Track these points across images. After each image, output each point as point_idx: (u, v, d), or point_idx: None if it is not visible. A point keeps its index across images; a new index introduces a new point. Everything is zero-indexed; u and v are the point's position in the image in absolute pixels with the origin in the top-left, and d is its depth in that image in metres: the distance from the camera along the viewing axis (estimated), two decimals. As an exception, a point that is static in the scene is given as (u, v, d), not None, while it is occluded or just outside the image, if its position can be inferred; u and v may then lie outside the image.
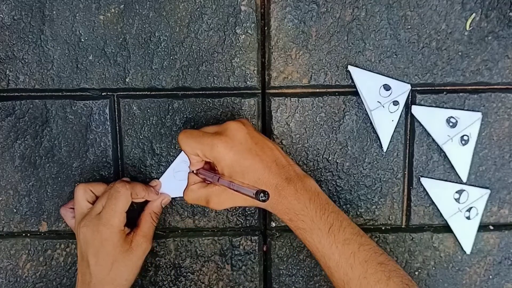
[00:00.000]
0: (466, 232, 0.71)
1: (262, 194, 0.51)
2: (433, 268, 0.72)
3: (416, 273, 0.72)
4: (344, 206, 0.71)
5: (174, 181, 0.68)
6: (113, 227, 0.62)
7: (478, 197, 0.70)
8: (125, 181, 0.64)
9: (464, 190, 0.70)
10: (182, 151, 0.67)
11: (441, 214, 0.71)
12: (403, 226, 0.72)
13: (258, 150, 0.59)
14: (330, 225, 0.58)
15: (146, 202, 0.67)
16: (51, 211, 0.70)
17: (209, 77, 0.68)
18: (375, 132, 0.69)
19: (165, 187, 0.68)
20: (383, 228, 0.72)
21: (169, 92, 0.68)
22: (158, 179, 0.68)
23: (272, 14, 0.67)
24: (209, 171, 0.62)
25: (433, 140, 0.69)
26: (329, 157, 0.70)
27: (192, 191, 0.63)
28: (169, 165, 0.68)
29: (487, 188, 0.71)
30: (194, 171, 0.64)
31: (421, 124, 0.69)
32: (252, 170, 0.58)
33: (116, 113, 0.68)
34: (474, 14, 0.68)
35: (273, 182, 0.58)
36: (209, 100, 0.68)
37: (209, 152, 0.59)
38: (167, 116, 0.68)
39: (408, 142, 0.70)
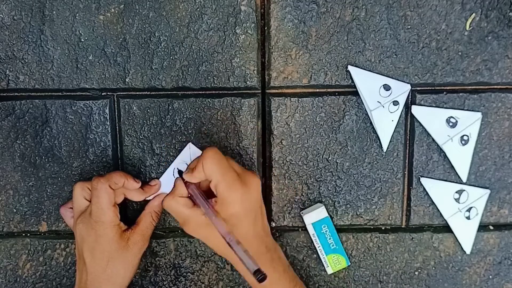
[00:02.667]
0: (466, 232, 0.71)
1: (261, 276, 0.54)
2: (433, 268, 0.72)
3: (416, 273, 0.72)
4: (344, 206, 0.71)
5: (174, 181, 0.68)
6: (105, 223, 0.61)
7: (478, 197, 0.70)
8: (99, 177, 0.63)
9: (464, 190, 0.70)
10: (183, 152, 0.68)
11: (441, 214, 0.71)
12: (403, 226, 0.72)
13: (258, 215, 0.61)
14: None
15: (147, 201, 0.67)
16: (51, 211, 0.70)
17: (209, 77, 0.68)
18: (375, 132, 0.69)
19: (165, 186, 0.68)
20: (383, 228, 0.72)
21: (169, 92, 0.68)
22: (158, 179, 0.68)
23: (272, 14, 0.67)
24: (202, 196, 0.60)
25: (433, 140, 0.69)
26: (329, 157, 0.70)
27: (176, 202, 0.61)
28: (169, 165, 0.68)
29: (487, 188, 0.71)
30: (186, 182, 0.61)
31: (421, 124, 0.69)
32: (245, 230, 0.59)
33: (116, 113, 0.68)
34: (474, 14, 0.68)
35: (255, 248, 0.59)
36: (209, 100, 0.68)
37: (223, 190, 0.58)
38: (167, 116, 0.68)
39: (408, 142, 0.70)
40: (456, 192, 0.70)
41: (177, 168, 0.67)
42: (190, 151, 0.68)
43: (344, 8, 0.67)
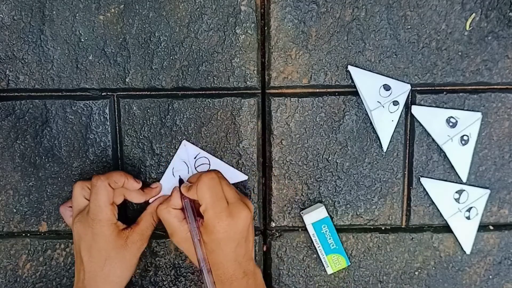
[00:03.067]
0: (466, 232, 0.71)
1: None
2: (433, 268, 0.72)
3: (416, 273, 0.72)
4: (344, 206, 0.71)
5: (174, 182, 0.68)
6: (102, 221, 0.61)
7: (478, 197, 0.70)
8: (99, 174, 0.63)
9: (464, 190, 0.70)
10: (179, 151, 0.68)
11: (441, 214, 0.71)
12: (403, 226, 0.72)
13: (241, 243, 0.61)
14: None
15: (146, 202, 0.67)
16: (51, 211, 0.70)
17: (209, 77, 0.68)
18: (375, 132, 0.69)
19: (166, 188, 0.68)
20: (383, 228, 0.72)
21: (169, 92, 0.68)
22: (159, 179, 0.68)
23: (272, 14, 0.67)
24: (193, 211, 0.63)
25: (433, 140, 0.69)
26: (329, 157, 0.70)
27: (168, 212, 0.63)
28: (169, 165, 0.68)
29: (487, 188, 0.71)
30: (183, 193, 0.63)
31: (421, 124, 0.69)
32: (223, 255, 0.61)
33: (116, 113, 0.68)
34: (474, 14, 0.68)
35: (231, 272, 0.61)
36: (209, 100, 0.68)
37: (210, 217, 0.60)
38: (167, 116, 0.68)
39: (408, 142, 0.70)
40: (456, 192, 0.70)
41: (179, 176, 0.68)
42: (186, 149, 0.68)
43: (344, 8, 0.67)
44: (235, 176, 0.69)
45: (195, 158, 0.68)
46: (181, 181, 0.67)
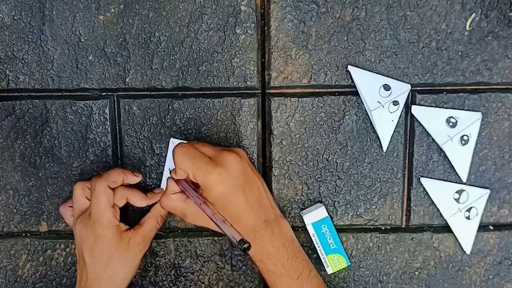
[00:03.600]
0: (466, 232, 0.71)
1: (246, 245, 0.54)
2: (433, 268, 0.72)
3: (416, 273, 0.72)
4: (344, 206, 0.71)
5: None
6: (103, 224, 0.61)
7: (478, 197, 0.70)
8: (98, 177, 0.63)
9: (464, 190, 0.70)
10: (170, 149, 0.68)
11: (441, 214, 0.71)
12: (403, 226, 0.72)
13: (246, 189, 0.60)
14: (299, 273, 0.61)
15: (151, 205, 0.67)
16: (51, 211, 0.70)
17: (209, 77, 0.68)
18: (375, 132, 0.69)
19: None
20: (383, 228, 0.72)
21: (169, 92, 0.68)
22: (159, 179, 0.68)
23: (272, 14, 0.67)
24: (191, 186, 0.62)
25: (433, 140, 0.69)
26: (329, 157, 0.70)
27: (171, 200, 0.63)
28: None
29: (487, 188, 0.71)
30: (175, 178, 0.63)
31: (421, 124, 0.69)
32: (235, 207, 0.60)
33: (116, 113, 0.68)
34: (474, 14, 0.68)
35: (251, 223, 0.60)
36: (209, 100, 0.68)
37: (201, 178, 0.59)
38: (167, 116, 0.68)
39: (408, 142, 0.70)
40: (456, 192, 0.70)
41: (169, 168, 0.68)
42: (175, 145, 0.68)
43: (344, 8, 0.67)
44: None
45: None
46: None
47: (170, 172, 0.66)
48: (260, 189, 0.63)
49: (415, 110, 0.69)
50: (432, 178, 0.70)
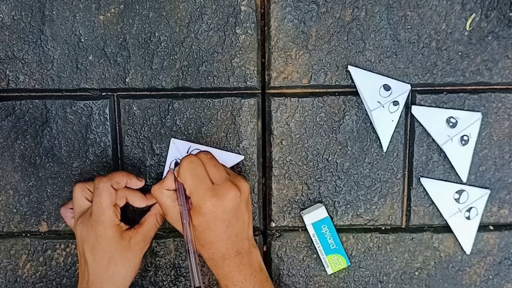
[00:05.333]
0: (466, 232, 0.71)
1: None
2: (433, 268, 0.72)
3: (416, 273, 0.72)
4: (344, 207, 0.71)
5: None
6: (104, 223, 0.62)
7: (478, 197, 0.70)
8: (102, 176, 0.63)
9: (464, 190, 0.70)
10: (170, 150, 0.68)
11: (441, 214, 0.71)
12: (403, 226, 0.72)
13: (231, 223, 0.61)
14: None
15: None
16: (51, 211, 0.70)
17: (209, 77, 0.68)
18: (375, 132, 0.69)
19: None
20: (383, 228, 0.72)
21: (169, 92, 0.68)
22: (159, 179, 0.68)
23: (272, 14, 0.67)
24: (184, 196, 0.62)
25: (433, 140, 0.69)
26: (329, 157, 0.70)
27: (161, 193, 0.63)
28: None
29: (487, 188, 0.71)
30: (175, 176, 0.63)
31: (421, 124, 0.69)
32: (213, 235, 0.60)
33: (116, 113, 0.68)
34: (474, 14, 0.68)
35: (223, 251, 0.61)
36: (209, 100, 0.68)
37: (195, 199, 0.60)
38: (167, 116, 0.68)
39: (408, 142, 0.70)
40: (456, 192, 0.70)
41: (176, 159, 0.68)
42: (176, 146, 0.68)
43: (344, 8, 0.67)
44: (230, 159, 0.68)
45: (187, 152, 0.68)
46: (176, 164, 0.67)
47: (175, 164, 0.66)
48: (245, 223, 0.63)
49: (415, 110, 0.69)
50: (432, 178, 0.70)
